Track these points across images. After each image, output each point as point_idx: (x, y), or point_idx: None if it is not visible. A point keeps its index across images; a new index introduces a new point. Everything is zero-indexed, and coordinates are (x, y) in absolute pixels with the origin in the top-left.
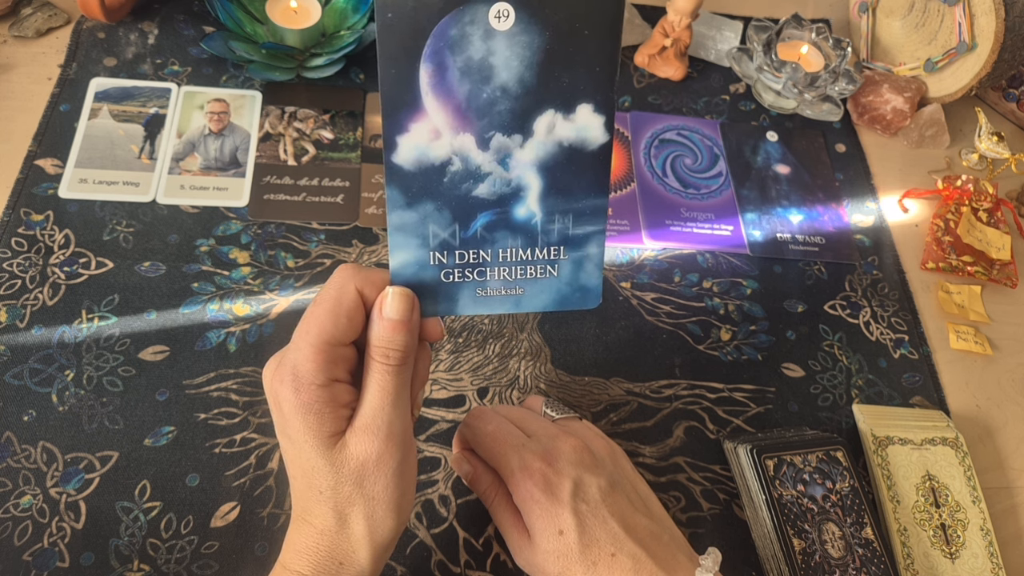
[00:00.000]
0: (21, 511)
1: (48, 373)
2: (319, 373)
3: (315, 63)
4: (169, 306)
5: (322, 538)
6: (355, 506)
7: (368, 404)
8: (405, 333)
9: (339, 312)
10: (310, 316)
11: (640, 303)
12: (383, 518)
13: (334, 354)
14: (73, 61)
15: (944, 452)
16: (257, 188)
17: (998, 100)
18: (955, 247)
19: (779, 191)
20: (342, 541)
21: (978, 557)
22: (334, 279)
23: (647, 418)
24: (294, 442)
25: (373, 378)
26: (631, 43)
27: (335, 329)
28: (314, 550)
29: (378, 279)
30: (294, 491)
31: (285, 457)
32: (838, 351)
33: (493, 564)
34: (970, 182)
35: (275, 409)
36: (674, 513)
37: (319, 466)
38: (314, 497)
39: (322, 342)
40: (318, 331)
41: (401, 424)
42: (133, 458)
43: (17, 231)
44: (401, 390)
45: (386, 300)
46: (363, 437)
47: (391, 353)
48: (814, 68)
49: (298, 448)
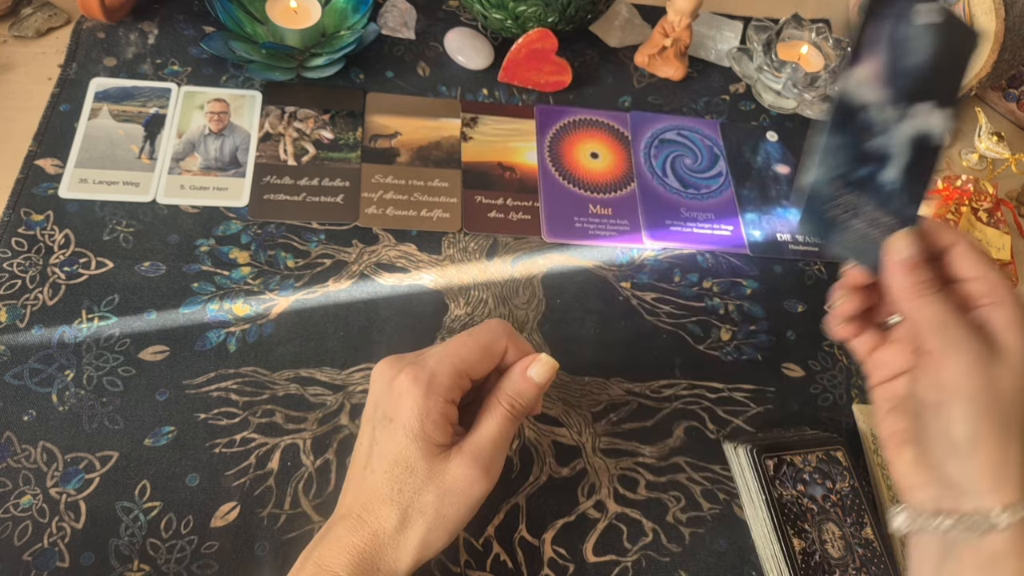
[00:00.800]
0: (21, 511)
1: (48, 373)
2: (450, 390)
3: (315, 63)
4: (169, 306)
5: (374, 540)
6: (424, 516)
7: (482, 435)
8: (537, 396)
9: (486, 355)
10: (462, 344)
11: (640, 303)
12: (437, 538)
13: (463, 382)
14: (73, 61)
15: None
16: (257, 188)
17: (998, 100)
18: None
19: (779, 191)
20: (392, 547)
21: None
22: (492, 328)
23: (647, 418)
24: (400, 436)
25: (494, 417)
26: (631, 43)
27: (478, 365)
28: (359, 549)
29: (524, 347)
30: (364, 486)
31: (373, 449)
32: (838, 351)
33: (493, 564)
34: (970, 182)
35: (389, 402)
36: (674, 513)
37: (418, 468)
38: (389, 494)
39: (463, 369)
40: (465, 357)
41: (499, 465)
42: (133, 458)
43: (17, 231)
44: (510, 436)
45: (536, 364)
46: (469, 460)
47: (517, 405)
48: (814, 68)
49: (404, 444)
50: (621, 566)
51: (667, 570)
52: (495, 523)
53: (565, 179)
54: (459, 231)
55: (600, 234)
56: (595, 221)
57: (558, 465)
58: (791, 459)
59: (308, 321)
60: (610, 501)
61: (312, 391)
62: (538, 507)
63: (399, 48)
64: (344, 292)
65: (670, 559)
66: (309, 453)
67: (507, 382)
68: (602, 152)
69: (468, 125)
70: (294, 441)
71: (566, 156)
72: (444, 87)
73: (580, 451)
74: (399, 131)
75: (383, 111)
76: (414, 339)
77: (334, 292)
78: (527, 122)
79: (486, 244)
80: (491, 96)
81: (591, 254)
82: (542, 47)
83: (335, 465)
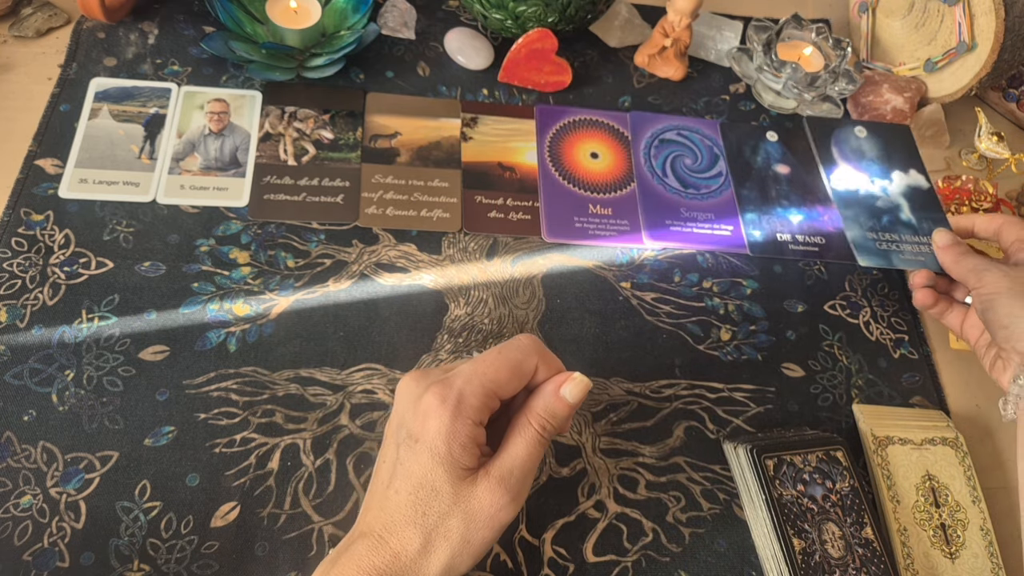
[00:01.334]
0: (21, 511)
1: (48, 373)
2: (478, 412)
3: (315, 63)
4: (169, 306)
5: (395, 562)
6: (448, 541)
7: (510, 457)
8: (569, 416)
9: (516, 373)
10: (491, 363)
11: (640, 303)
12: (461, 563)
13: (492, 403)
14: (73, 61)
15: (944, 452)
16: (257, 188)
17: (998, 100)
18: None
19: (779, 191)
20: (413, 571)
21: (978, 557)
22: (522, 344)
23: (647, 418)
24: (426, 458)
25: (524, 438)
26: (631, 43)
27: (507, 384)
28: (380, 571)
29: (554, 364)
30: (385, 505)
31: (397, 468)
32: (838, 351)
33: (493, 564)
34: (970, 182)
35: (416, 421)
36: (674, 513)
37: (443, 491)
38: (412, 517)
39: (492, 389)
40: (494, 377)
41: (527, 490)
42: (133, 458)
43: (17, 231)
44: (539, 458)
45: (570, 384)
46: (496, 486)
47: (548, 426)
48: (814, 68)
49: (430, 466)
50: (621, 566)
51: (667, 570)
52: None
53: (565, 179)
54: (459, 231)
55: (600, 234)
56: (595, 221)
57: (558, 465)
58: (791, 459)
59: (308, 321)
60: (610, 501)
61: (312, 391)
62: (538, 507)
63: (399, 48)
64: (344, 292)
65: (670, 559)
66: (309, 453)
67: (538, 401)
68: (602, 152)
69: (468, 125)
70: (294, 441)
71: (566, 156)
72: (444, 87)
73: (580, 451)
74: (399, 131)
75: (383, 111)
76: (414, 339)
77: (334, 292)
78: (527, 122)
79: (486, 244)
80: (491, 96)
81: (591, 254)
82: (542, 47)
83: (335, 465)
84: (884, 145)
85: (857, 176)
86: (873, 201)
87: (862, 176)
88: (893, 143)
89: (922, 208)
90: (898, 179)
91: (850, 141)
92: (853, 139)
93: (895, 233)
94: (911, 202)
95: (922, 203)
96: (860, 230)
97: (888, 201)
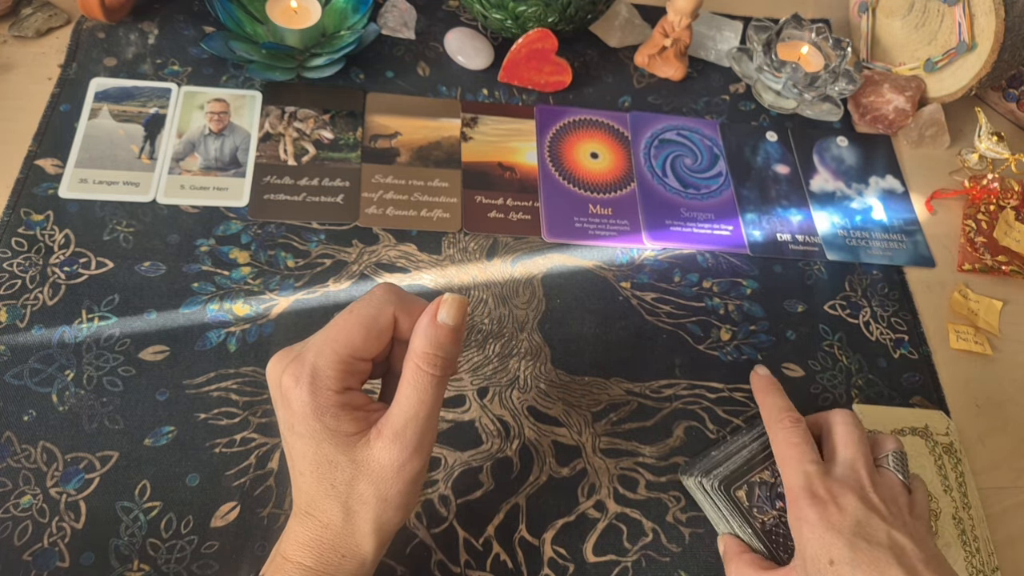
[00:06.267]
0: (21, 511)
1: (48, 373)
2: (337, 381)
3: (315, 63)
4: (169, 306)
5: (326, 531)
6: (366, 504)
7: (402, 412)
8: (456, 342)
9: (372, 330)
10: (341, 326)
11: (640, 303)
12: (391, 518)
13: (354, 366)
14: (73, 61)
15: (913, 442)
16: (257, 188)
17: (998, 100)
18: (989, 247)
19: (779, 191)
20: (347, 536)
21: (951, 546)
22: (374, 297)
23: (647, 418)
24: (307, 438)
25: (413, 387)
26: (631, 43)
27: (364, 345)
28: (317, 543)
29: (416, 309)
30: (300, 486)
31: (292, 452)
32: (838, 351)
33: (493, 564)
34: (996, 180)
35: (283, 405)
36: (674, 513)
37: (339, 462)
38: (324, 491)
39: (347, 354)
40: (346, 342)
41: (431, 437)
42: (133, 458)
43: (17, 231)
44: (437, 401)
45: (443, 306)
46: (391, 444)
47: (437, 360)
48: (814, 68)
49: (314, 444)
50: (621, 566)
51: (667, 570)
52: (495, 523)
53: (565, 179)
54: (459, 231)
55: (600, 234)
56: (595, 221)
57: (558, 465)
58: (759, 478)
59: (308, 321)
60: (610, 501)
61: None
62: (538, 507)
63: (399, 48)
64: (344, 292)
65: (670, 559)
66: None
67: (417, 339)
68: (602, 152)
69: (468, 125)
70: None
71: (566, 156)
72: (444, 87)
73: (580, 451)
74: (399, 131)
75: (383, 111)
76: None
77: (334, 292)
78: (527, 122)
79: (486, 244)
80: (491, 96)
81: (591, 254)
82: (542, 47)
83: None
84: (864, 154)
85: (834, 181)
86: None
87: (839, 181)
88: (874, 152)
89: (894, 210)
90: (874, 183)
91: (831, 149)
92: (834, 147)
93: (869, 231)
94: (886, 204)
95: (896, 206)
96: (832, 226)
97: (863, 200)
